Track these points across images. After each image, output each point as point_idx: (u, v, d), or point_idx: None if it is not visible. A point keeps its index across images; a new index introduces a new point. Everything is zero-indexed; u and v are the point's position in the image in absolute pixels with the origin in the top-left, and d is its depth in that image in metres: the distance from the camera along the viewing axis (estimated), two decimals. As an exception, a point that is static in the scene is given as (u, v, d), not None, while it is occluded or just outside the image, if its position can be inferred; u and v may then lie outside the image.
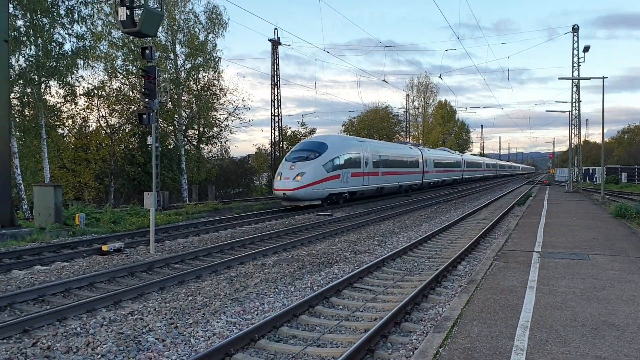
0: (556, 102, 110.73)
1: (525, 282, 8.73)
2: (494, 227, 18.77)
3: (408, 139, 77.16)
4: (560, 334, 6.02)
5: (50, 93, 27.09)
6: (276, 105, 42.80)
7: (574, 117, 43.93)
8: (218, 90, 40.04)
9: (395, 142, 50.82)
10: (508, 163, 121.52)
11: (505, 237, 14.30)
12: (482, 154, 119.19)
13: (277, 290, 9.60)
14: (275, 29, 43.64)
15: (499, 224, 19.99)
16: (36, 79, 25.16)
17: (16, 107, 25.35)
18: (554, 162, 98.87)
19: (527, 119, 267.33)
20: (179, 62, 37.43)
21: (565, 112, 45.27)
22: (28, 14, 24.71)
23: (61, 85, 26.44)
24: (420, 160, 43.78)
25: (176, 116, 37.75)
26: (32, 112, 26.28)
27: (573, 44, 41.83)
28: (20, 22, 24.79)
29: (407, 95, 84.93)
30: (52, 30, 25.64)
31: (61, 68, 25.78)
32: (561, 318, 6.65)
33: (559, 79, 37.48)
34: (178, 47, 37.19)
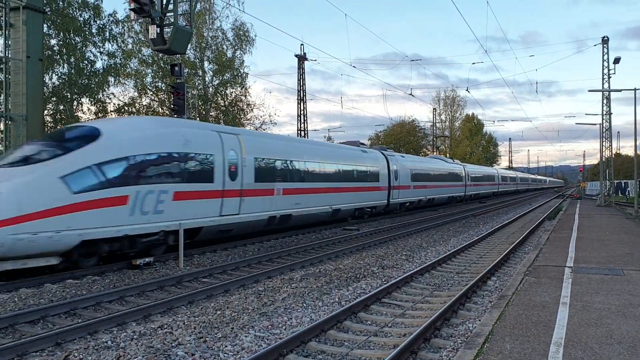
0: (586, 114, 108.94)
1: (557, 297, 8.56)
2: (524, 242, 18.47)
3: (435, 153, 76.78)
4: (596, 351, 5.87)
5: (82, 110, 27.72)
6: (302, 120, 43.03)
7: (604, 129, 43.19)
8: (245, 106, 40.43)
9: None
10: (537, 177, 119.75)
11: (536, 252, 14.06)
12: (510, 168, 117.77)
13: (304, 304, 9.58)
14: (302, 44, 43.86)
15: (529, 239, 19.67)
16: (69, 96, 25.78)
17: (49, 124, 25.97)
18: (585, 176, 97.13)
19: (557, 132, 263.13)
20: (207, 79, 37.97)
21: (595, 124, 44.39)
22: (61, 34, 25.42)
23: (93, 102, 27.05)
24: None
25: (204, 132, 38.11)
26: (64, 128, 26.85)
27: (603, 55, 41.24)
28: (53, 41, 25.52)
29: (434, 108, 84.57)
30: (84, 48, 26.33)
31: (93, 85, 26.40)
32: (596, 335, 6.49)
33: (589, 91, 36.99)
34: (206, 63, 37.75)
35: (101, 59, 27.55)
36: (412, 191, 33.37)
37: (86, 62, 26.51)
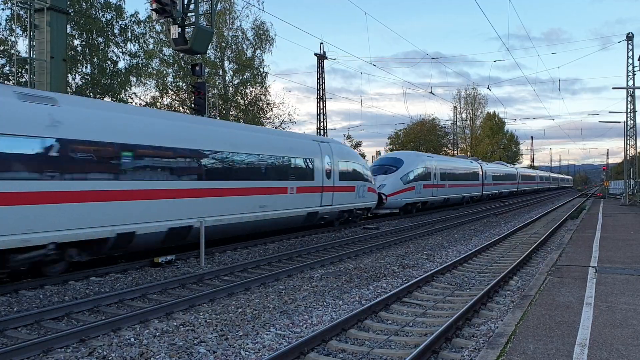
0: (610, 112, 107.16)
1: (581, 298, 8.45)
2: (546, 241, 18.26)
3: (456, 151, 76.26)
4: (622, 352, 5.78)
5: (105, 109, 27.97)
6: (322, 119, 43.02)
7: (629, 127, 42.50)
8: (265, 105, 40.56)
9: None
10: (553, 175, 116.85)
11: (559, 252, 13.89)
12: (532, 166, 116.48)
13: (325, 303, 9.58)
14: (321, 43, 43.83)
15: (552, 238, 19.44)
16: (92, 96, 26.09)
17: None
18: (608, 175, 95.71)
19: (579, 130, 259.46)
20: (227, 78, 38.16)
21: (619, 122, 43.72)
22: (84, 34, 25.73)
23: (115, 102, 27.29)
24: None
25: (224, 131, 38.34)
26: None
27: (627, 52, 40.60)
28: (77, 42, 25.85)
29: (455, 107, 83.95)
30: (106, 49, 26.63)
31: (115, 85, 26.69)
32: (622, 336, 6.39)
33: (613, 88, 36.51)
34: (226, 63, 37.96)
35: (123, 59, 27.86)
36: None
37: (108, 62, 26.80)
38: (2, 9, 24.29)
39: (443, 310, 9.18)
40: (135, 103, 30.58)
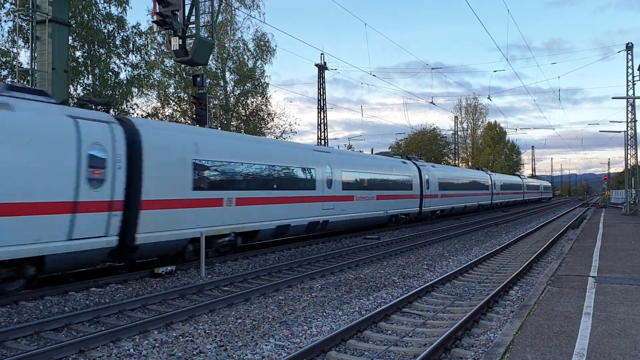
0: (610, 122, 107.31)
1: (580, 308, 8.46)
2: (547, 251, 18.25)
3: (457, 161, 76.32)
4: (619, 362, 5.79)
5: (106, 120, 28.05)
6: (322, 129, 43.10)
7: (629, 137, 42.54)
8: (266, 115, 40.65)
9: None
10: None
11: (559, 261, 13.89)
12: (533, 176, 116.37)
13: (325, 314, 9.59)
14: (322, 54, 43.98)
15: (552, 248, 19.43)
16: (93, 107, 26.17)
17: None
18: (609, 184, 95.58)
19: (580, 140, 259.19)
20: (228, 89, 38.27)
21: (620, 132, 43.71)
22: (86, 45, 25.86)
23: (117, 113, 27.39)
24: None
25: (225, 141, 38.42)
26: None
27: (627, 62, 40.71)
28: (78, 53, 25.96)
29: (456, 116, 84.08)
30: (108, 60, 26.74)
31: (117, 96, 26.78)
32: (620, 346, 6.40)
33: (613, 98, 36.71)
34: (227, 74, 38.07)
35: (125, 70, 27.96)
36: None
37: (110, 73, 26.92)
38: (5, 21, 24.46)
39: (443, 321, 9.18)
40: (137, 114, 30.71)
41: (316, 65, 42.49)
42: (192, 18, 16.18)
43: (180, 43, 15.93)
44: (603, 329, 7.19)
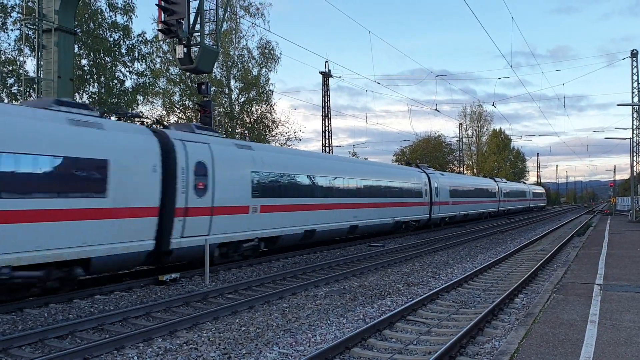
0: (616, 128, 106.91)
1: (586, 315, 8.41)
2: (552, 259, 18.16)
3: (462, 168, 76.21)
4: (625, 371, 5.75)
5: (111, 128, 28.17)
6: (327, 136, 43.15)
7: (635, 144, 42.39)
8: (270, 123, 40.74)
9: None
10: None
11: (564, 269, 13.83)
12: (539, 183, 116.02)
13: (329, 321, 9.57)
14: (326, 61, 44.10)
15: (558, 255, 19.34)
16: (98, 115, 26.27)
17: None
18: (615, 191, 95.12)
19: (586, 147, 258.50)
20: (233, 96, 38.40)
21: (625, 139, 43.61)
22: (92, 54, 26.03)
23: (122, 121, 27.50)
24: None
25: (230, 149, 38.51)
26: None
27: (632, 69, 40.63)
28: (84, 62, 26.14)
29: (460, 124, 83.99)
30: (113, 68, 26.90)
31: (122, 104, 26.92)
32: (626, 354, 6.36)
33: (618, 105, 36.68)
34: (232, 81, 38.22)
35: (130, 78, 28.14)
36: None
37: (116, 81, 27.08)
38: (12, 30, 24.65)
39: (447, 329, 9.14)
40: (143, 122, 30.77)
41: (321, 72, 42.61)
42: (197, 26, 16.26)
43: (185, 51, 16.01)
44: (609, 337, 7.15)
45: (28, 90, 22.13)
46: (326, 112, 42.88)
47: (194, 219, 14.00)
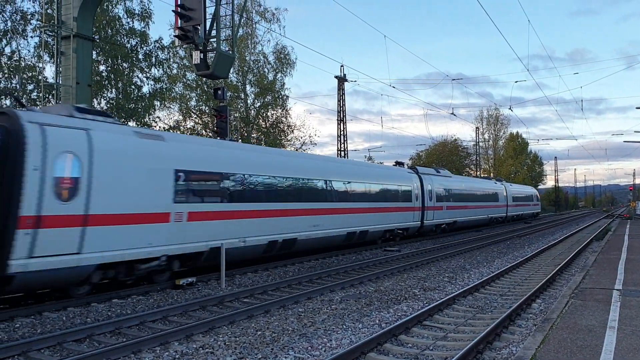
0: (635, 132, 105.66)
1: (605, 321, 8.31)
2: (570, 263, 17.97)
3: (479, 172, 75.72)
4: (645, 378, 5.67)
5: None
6: (342, 141, 43.16)
7: (655, 147, 41.82)
8: (286, 127, 40.89)
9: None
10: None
11: (582, 274, 13.67)
12: (556, 187, 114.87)
13: (344, 326, 9.55)
14: (341, 66, 44.19)
15: (576, 260, 19.13)
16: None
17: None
18: (635, 195, 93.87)
19: (604, 150, 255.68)
20: (249, 101, 38.61)
21: (645, 142, 43.02)
22: (110, 60, 26.33)
23: (139, 126, 27.77)
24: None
25: (246, 153, 38.70)
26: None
27: (651, 71, 40.12)
28: (102, 67, 26.45)
29: (477, 127, 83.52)
30: (131, 74, 27.18)
31: (139, 109, 27.20)
32: (645, 361, 6.27)
33: (637, 108, 36.04)
34: (248, 86, 38.44)
35: (147, 84, 28.44)
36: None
37: (133, 87, 27.37)
38: (31, 37, 25.05)
39: (464, 334, 9.08)
40: (159, 127, 31.11)
41: (336, 77, 42.65)
42: (213, 32, 16.37)
43: (202, 57, 16.11)
44: (628, 343, 7.05)
45: (47, 96, 22.44)
46: (341, 116, 42.89)
47: (53, 232, 10.42)
